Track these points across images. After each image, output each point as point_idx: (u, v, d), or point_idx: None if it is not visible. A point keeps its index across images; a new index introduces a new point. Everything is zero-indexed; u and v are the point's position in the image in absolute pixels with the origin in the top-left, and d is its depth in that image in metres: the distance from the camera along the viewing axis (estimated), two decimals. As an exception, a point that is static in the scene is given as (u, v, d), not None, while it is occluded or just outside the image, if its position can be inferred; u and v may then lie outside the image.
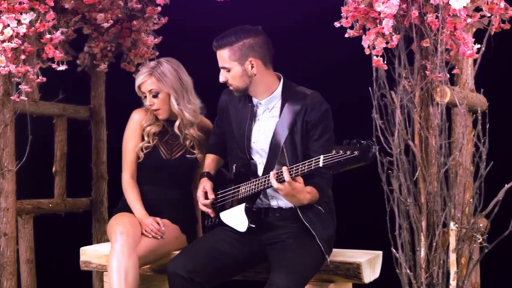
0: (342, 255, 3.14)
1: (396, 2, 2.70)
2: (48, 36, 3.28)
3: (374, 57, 2.77)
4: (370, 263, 3.13)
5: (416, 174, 2.80)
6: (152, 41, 3.94)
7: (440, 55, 2.74)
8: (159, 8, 3.84)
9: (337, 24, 2.92)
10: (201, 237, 3.39)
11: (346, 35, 2.92)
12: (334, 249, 3.10)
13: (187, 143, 3.45)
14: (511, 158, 3.64)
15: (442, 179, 2.77)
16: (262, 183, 2.97)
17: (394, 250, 2.78)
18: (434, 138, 2.77)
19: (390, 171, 2.77)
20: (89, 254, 3.45)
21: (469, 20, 2.79)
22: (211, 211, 3.16)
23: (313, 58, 4.36)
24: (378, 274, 3.24)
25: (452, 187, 2.83)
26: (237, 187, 3.10)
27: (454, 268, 2.76)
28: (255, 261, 3.12)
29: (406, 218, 2.78)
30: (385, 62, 2.78)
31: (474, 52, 2.82)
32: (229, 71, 3.04)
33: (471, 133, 2.97)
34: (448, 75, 2.79)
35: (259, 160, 3.09)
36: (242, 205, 3.05)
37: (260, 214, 3.07)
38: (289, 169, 2.81)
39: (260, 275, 3.16)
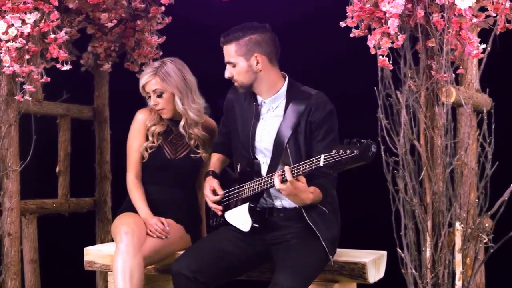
0: (347, 255, 3.14)
1: (401, 1, 2.70)
2: (52, 36, 3.28)
3: (379, 57, 2.77)
4: (375, 263, 3.12)
5: (422, 174, 2.80)
6: (156, 41, 3.93)
7: (445, 55, 2.74)
8: (163, 7, 3.84)
9: (342, 24, 2.92)
10: (206, 237, 3.39)
11: (351, 35, 2.93)
12: (338, 249, 3.09)
13: (192, 142, 3.44)
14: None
15: (448, 179, 2.77)
16: (265, 183, 2.96)
17: (399, 250, 2.78)
18: (440, 138, 2.77)
19: (395, 171, 2.76)
20: (93, 254, 3.45)
21: (474, 20, 2.79)
22: (220, 208, 3.16)
23: (318, 56, 4.35)
24: (382, 274, 3.23)
25: (457, 187, 2.83)
26: (241, 186, 3.10)
27: (459, 268, 2.76)
28: (260, 261, 3.11)
29: (412, 218, 2.78)
30: (390, 62, 2.78)
31: (479, 52, 2.82)
32: (235, 66, 3.04)
33: (477, 133, 2.97)
34: (453, 75, 2.79)
35: (263, 160, 3.08)
36: (246, 205, 3.05)
37: (264, 214, 3.07)
38: (291, 169, 2.81)
39: (265, 275, 3.15)
